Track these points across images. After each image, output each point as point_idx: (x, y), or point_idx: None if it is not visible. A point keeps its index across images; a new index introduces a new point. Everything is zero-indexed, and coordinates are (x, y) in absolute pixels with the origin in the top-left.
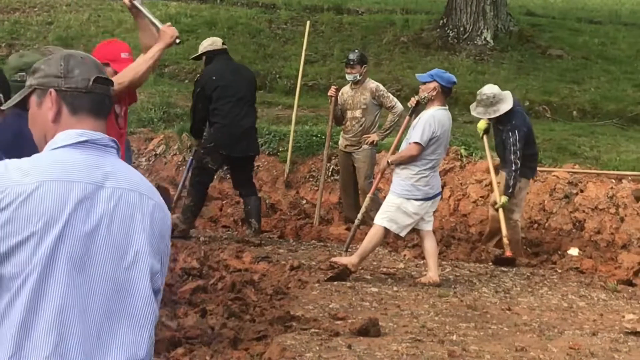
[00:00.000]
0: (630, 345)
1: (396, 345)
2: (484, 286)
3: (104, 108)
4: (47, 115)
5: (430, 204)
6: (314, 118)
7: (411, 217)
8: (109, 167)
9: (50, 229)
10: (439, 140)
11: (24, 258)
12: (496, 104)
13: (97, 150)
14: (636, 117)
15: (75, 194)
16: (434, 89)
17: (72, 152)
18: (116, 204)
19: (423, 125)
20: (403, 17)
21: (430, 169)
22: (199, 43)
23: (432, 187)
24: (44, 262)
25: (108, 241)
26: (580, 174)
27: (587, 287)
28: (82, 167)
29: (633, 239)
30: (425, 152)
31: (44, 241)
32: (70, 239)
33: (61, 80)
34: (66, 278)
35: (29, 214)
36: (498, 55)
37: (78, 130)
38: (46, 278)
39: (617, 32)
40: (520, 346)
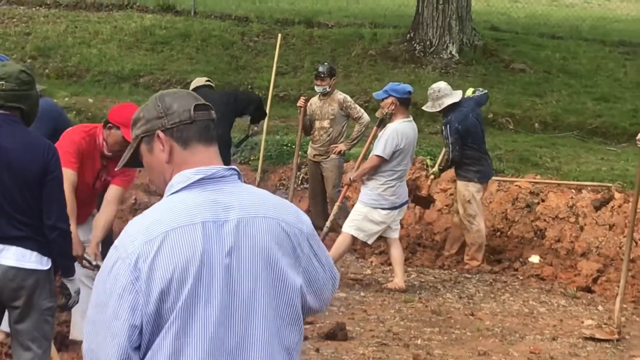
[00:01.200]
0: (588, 350)
1: (363, 349)
2: (448, 292)
3: (210, 134)
4: (160, 158)
5: (396, 212)
6: (284, 128)
7: (378, 225)
8: (229, 198)
9: (187, 275)
10: (403, 152)
11: (168, 307)
12: (441, 98)
13: (214, 185)
14: (596, 130)
15: (202, 235)
16: (392, 104)
17: (191, 194)
18: (244, 233)
19: (385, 139)
20: (371, 31)
21: (397, 179)
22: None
23: (398, 196)
24: (185, 309)
25: (247, 274)
26: (541, 184)
27: (548, 294)
28: (203, 206)
29: (592, 247)
30: (391, 164)
31: (184, 289)
32: (208, 280)
33: (164, 119)
34: (213, 319)
35: (164, 265)
36: (463, 69)
37: (192, 170)
38: (190, 325)
39: (577, 47)
40: (483, 350)
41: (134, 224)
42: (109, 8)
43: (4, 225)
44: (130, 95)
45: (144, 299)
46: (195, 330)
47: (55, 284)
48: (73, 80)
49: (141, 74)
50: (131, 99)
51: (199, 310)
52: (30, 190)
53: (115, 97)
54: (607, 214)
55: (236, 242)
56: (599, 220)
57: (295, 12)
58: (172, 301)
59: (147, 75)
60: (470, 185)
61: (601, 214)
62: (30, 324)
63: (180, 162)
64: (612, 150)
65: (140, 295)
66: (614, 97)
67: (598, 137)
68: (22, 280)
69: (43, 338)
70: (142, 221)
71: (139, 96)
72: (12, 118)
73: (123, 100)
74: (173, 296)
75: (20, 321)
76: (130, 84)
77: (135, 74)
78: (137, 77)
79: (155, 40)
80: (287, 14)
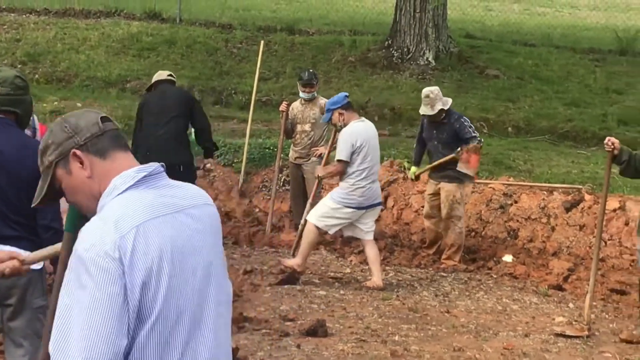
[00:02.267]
0: (559, 346)
1: (342, 345)
2: (424, 290)
3: (123, 140)
4: (81, 176)
5: (362, 212)
6: (267, 132)
7: (340, 219)
8: (174, 191)
9: (163, 264)
10: (362, 149)
11: (151, 299)
12: (439, 100)
13: (156, 181)
14: (566, 134)
15: (170, 226)
16: (339, 115)
17: (140, 191)
18: (199, 219)
19: (341, 143)
20: (351, 38)
21: (365, 179)
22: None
23: (367, 198)
24: (167, 298)
25: (207, 255)
26: (514, 186)
27: (520, 292)
28: (158, 199)
29: (563, 247)
30: (355, 165)
31: (162, 278)
32: (181, 265)
33: (75, 137)
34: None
35: (143, 258)
36: (439, 75)
37: (132, 170)
38: (174, 312)
39: (549, 54)
40: (458, 346)
41: (93, 227)
42: (97, 15)
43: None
44: (118, 99)
45: (130, 292)
46: (181, 317)
47: (47, 283)
48: (62, 85)
49: (128, 79)
50: (118, 104)
51: (180, 296)
52: (25, 190)
53: (103, 101)
54: (578, 215)
55: (196, 228)
56: (569, 221)
57: (277, 20)
58: (154, 292)
59: (134, 80)
60: (461, 187)
61: (572, 215)
62: (22, 322)
63: (104, 173)
64: (582, 153)
65: (127, 289)
66: (584, 102)
67: (569, 141)
68: (16, 278)
69: (35, 335)
70: (104, 222)
71: (127, 100)
72: (7, 121)
73: (111, 105)
74: (154, 287)
75: (13, 319)
76: (117, 89)
77: (123, 79)
78: (124, 82)
79: (142, 46)
80: (270, 21)
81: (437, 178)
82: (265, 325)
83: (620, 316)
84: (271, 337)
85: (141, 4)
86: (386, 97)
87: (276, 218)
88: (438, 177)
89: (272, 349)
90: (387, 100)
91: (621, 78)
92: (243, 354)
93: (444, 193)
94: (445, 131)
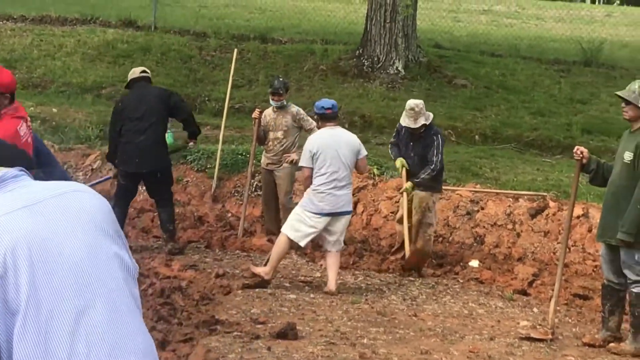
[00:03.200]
0: (524, 350)
1: (312, 348)
2: (392, 294)
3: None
4: None
5: (327, 220)
6: (239, 138)
7: (309, 227)
8: (34, 188)
9: (18, 259)
10: (320, 155)
11: (12, 290)
12: (424, 114)
13: (13, 184)
14: (532, 142)
15: (22, 221)
16: (316, 121)
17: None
18: (65, 207)
19: (303, 151)
20: (322, 47)
21: (325, 185)
22: (134, 66)
23: (327, 203)
24: (31, 288)
25: (80, 244)
26: (481, 193)
27: (486, 296)
28: (16, 197)
29: (528, 253)
30: (315, 169)
31: (20, 273)
32: (44, 259)
33: None
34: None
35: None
36: (408, 84)
37: None
38: (43, 306)
39: (516, 64)
40: (425, 349)
41: None
42: (73, 23)
43: None
44: (93, 105)
45: None
46: (57, 306)
47: None
48: (38, 91)
49: (103, 86)
50: (94, 109)
51: (51, 285)
52: None
53: (78, 107)
54: (542, 222)
55: (59, 217)
56: (534, 227)
57: (250, 29)
58: (14, 285)
59: (109, 86)
60: (434, 195)
61: (536, 222)
62: None
63: None
64: (547, 161)
65: None
66: (549, 111)
67: (534, 149)
68: None
69: None
70: None
71: (102, 107)
72: None
73: (86, 110)
74: (13, 280)
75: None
76: (93, 95)
77: (98, 86)
78: (100, 89)
79: (117, 53)
80: (243, 30)
81: None
82: (237, 327)
83: (583, 320)
84: (242, 340)
85: (117, 11)
86: (357, 105)
87: (248, 223)
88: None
89: (243, 351)
90: (357, 108)
91: (585, 88)
92: (215, 356)
93: (417, 200)
94: (421, 145)
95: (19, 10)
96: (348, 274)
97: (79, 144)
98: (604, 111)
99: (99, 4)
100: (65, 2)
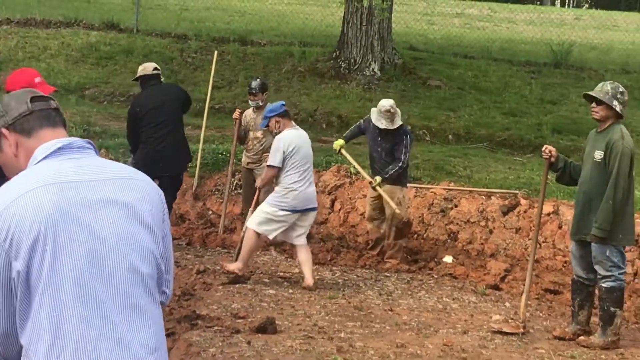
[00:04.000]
0: (496, 343)
1: (291, 342)
2: (369, 289)
3: (55, 119)
4: (9, 153)
5: (298, 216)
6: (220, 137)
7: (278, 223)
8: (88, 162)
9: (47, 232)
10: (293, 154)
11: (37, 267)
12: (398, 115)
13: (73, 154)
14: (504, 142)
15: (58, 195)
16: (276, 122)
17: (51, 161)
18: (106, 192)
19: (273, 149)
20: (300, 49)
21: (298, 182)
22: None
23: (300, 201)
24: (53, 266)
25: (116, 231)
26: (454, 191)
27: (460, 291)
28: (67, 169)
29: (500, 249)
30: (286, 169)
31: (47, 245)
32: (69, 236)
33: (5, 117)
34: (82, 270)
35: (22, 224)
36: (384, 85)
37: (52, 141)
38: (62, 280)
39: (488, 66)
40: (400, 343)
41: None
42: (57, 25)
43: None
44: (77, 106)
45: (13, 258)
46: (73, 285)
47: None
48: None
49: (87, 87)
50: (77, 110)
51: (66, 264)
52: None
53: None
54: (514, 219)
55: (97, 200)
56: (506, 224)
57: (230, 31)
58: (39, 259)
59: (93, 87)
60: (404, 190)
61: (508, 219)
62: None
63: (29, 151)
64: (518, 160)
65: (9, 255)
66: (520, 112)
67: (506, 149)
68: None
69: None
70: (9, 185)
71: (85, 107)
72: None
73: (70, 111)
74: (40, 254)
75: None
76: (76, 96)
77: (82, 87)
78: (83, 90)
79: (100, 55)
80: (223, 32)
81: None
82: (217, 322)
83: (553, 314)
84: (223, 334)
85: (100, 14)
86: (334, 106)
87: (228, 220)
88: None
89: (223, 345)
90: (334, 108)
91: (555, 89)
92: (196, 350)
93: (388, 194)
94: (390, 141)
95: (4, 13)
96: (326, 270)
97: None
98: (574, 111)
99: (82, 7)
100: (50, 5)
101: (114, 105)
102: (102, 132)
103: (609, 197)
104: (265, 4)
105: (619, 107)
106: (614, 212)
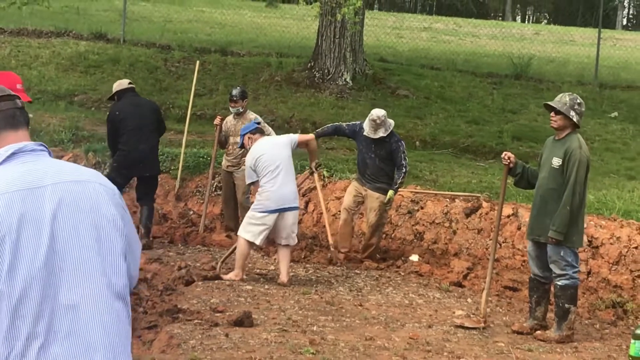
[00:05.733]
0: (459, 336)
1: (266, 334)
2: (340, 285)
3: (19, 119)
4: None
5: (275, 217)
6: (201, 142)
7: (259, 226)
8: (43, 167)
9: (6, 238)
10: (258, 165)
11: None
12: (388, 123)
13: (26, 157)
14: (467, 148)
15: (20, 202)
16: (249, 139)
17: (5, 168)
18: (61, 197)
19: (246, 169)
20: (278, 60)
21: (269, 183)
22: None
23: (274, 201)
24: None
25: (73, 233)
26: (421, 194)
27: (425, 288)
28: (17, 177)
29: (463, 248)
30: (260, 176)
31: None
32: (29, 242)
33: None
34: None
35: None
36: (356, 94)
37: (3, 148)
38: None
39: (453, 77)
40: (369, 336)
41: None
42: (48, 35)
43: None
44: (66, 111)
45: None
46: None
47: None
48: None
49: (76, 93)
50: (66, 115)
51: (23, 269)
52: None
53: (52, 112)
54: (476, 220)
55: (59, 205)
56: (469, 225)
57: (211, 42)
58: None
59: (81, 94)
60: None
61: (471, 220)
62: None
63: None
64: (480, 165)
65: None
66: (483, 120)
67: (469, 154)
68: None
69: None
70: None
71: (74, 112)
72: None
73: (60, 116)
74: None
75: None
76: (66, 102)
77: (71, 93)
78: (72, 96)
79: (89, 64)
80: (205, 43)
81: (371, 188)
82: (197, 316)
83: (512, 310)
84: (202, 327)
85: (88, 25)
86: (308, 113)
87: (209, 220)
88: (373, 188)
89: (203, 338)
90: (309, 115)
91: (515, 99)
92: (177, 342)
93: (377, 202)
94: (384, 148)
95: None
96: (300, 267)
97: (53, 147)
98: (532, 120)
99: (72, 18)
100: (41, 17)
101: (101, 111)
102: (90, 136)
103: (566, 204)
104: (244, 17)
105: (576, 117)
106: (570, 217)
